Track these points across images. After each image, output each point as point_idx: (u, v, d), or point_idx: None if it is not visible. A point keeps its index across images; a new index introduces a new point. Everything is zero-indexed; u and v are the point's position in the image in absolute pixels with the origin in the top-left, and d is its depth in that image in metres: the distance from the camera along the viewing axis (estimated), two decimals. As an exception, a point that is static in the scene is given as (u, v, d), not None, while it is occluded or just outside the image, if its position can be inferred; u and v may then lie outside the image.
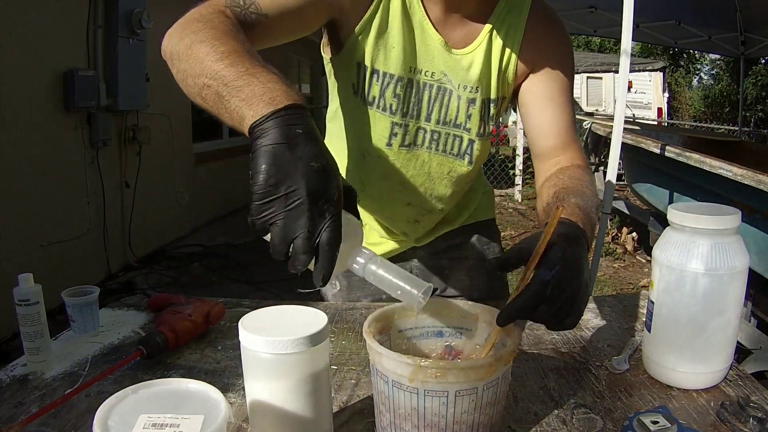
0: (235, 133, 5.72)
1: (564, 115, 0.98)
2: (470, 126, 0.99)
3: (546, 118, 0.98)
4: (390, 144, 0.99)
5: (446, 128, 1.00)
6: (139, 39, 4.12)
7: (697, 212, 0.77)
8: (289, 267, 0.56)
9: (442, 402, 0.59)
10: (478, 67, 0.95)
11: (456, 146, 1.01)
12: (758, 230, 2.35)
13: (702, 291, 0.76)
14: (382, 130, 0.98)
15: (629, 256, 4.90)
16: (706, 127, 11.12)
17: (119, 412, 0.53)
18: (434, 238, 1.17)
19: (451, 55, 0.95)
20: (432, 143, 1.01)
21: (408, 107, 0.97)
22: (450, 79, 0.96)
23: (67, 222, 3.67)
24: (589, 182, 0.88)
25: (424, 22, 0.93)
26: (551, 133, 0.97)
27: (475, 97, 0.97)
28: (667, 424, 0.67)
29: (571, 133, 0.98)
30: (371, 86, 0.95)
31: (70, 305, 0.99)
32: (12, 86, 3.17)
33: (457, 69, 0.96)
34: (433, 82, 0.96)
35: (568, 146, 0.97)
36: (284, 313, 0.68)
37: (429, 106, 0.98)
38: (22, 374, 0.86)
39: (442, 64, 0.95)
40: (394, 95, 0.95)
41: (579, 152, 0.97)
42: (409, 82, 0.95)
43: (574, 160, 0.95)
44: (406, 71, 0.94)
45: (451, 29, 0.94)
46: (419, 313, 0.72)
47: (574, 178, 0.87)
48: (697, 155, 2.78)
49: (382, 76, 0.94)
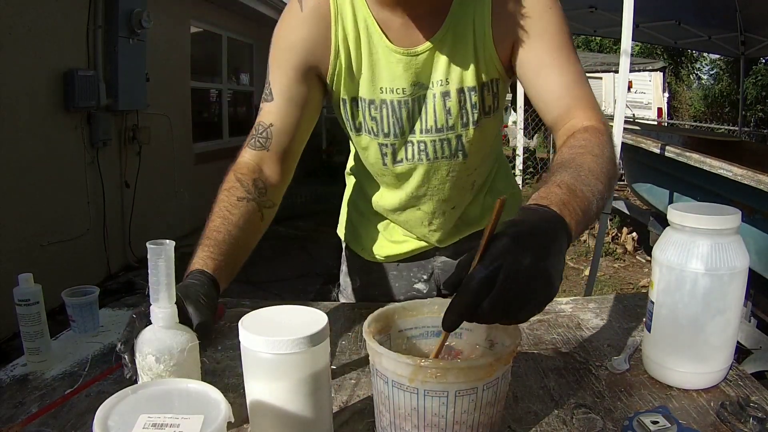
0: (234, 133, 5.70)
1: (562, 78, 0.88)
2: (452, 122, 0.97)
3: (543, 88, 0.90)
4: (385, 164, 1.03)
5: (430, 135, 0.99)
6: (139, 39, 4.12)
7: (697, 212, 0.77)
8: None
9: (442, 402, 0.59)
10: (446, 58, 0.92)
11: (446, 149, 1.00)
12: (758, 230, 2.35)
13: (702, 291, 0.76)
14: (374, 151, 1.02)
15: (629, 256, 4.90)
16: (706, 127, 11.11)
17: (119, 412, 0.53)
18: (459, 239, 1.17)
19: (416, 57, 0.92)
20: (421, 154, 1.01)
21: (388, 126, 0.98)
22: (422, 84, 0.95)
23: (67, 222, 3.67)
24: (594, 145, 0.78)
25: (381, 39, 0.92)
26: (552, 103, 0.89)
27: (447, 89, 0.94)
28: (667, 424, 0.67)
29: (575, 93, 0.88)
30: (355, 114, 0.99)
31: (70, 305, 0.99)
32: (12, 86, 3.18)
33: (425, 68, 0.93)
34: (406, 98, 0.95)
35: (574, 109, 0.87)
36: (284, 313, 0.68)
37: (410, 120, 0.97)
38: (22, 374, 0.86)
39: (411, 74, 0.93)
40: (371, 118, 0.98)
41: (587, 111, 0.87)
42: (381, 103, 0.96)
43: (582, 121, 0.86)
44: (376, 93, 0.96)
45: (411, 30, 0.92)
46: (419, 313, 0.73)
47: (574, 147, 0.79)
48: (697, 155, 2.78)
49: (360, 102, 0.97)
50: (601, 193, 0.71)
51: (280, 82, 0.96)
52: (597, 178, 0.72)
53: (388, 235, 1.19)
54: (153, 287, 0.66)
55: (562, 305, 1.10)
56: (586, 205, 0.67)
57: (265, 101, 0.98)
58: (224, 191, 0.93)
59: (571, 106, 0.88)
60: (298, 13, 0.94)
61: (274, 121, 0.96)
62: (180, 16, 5.22)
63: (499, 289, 0.54)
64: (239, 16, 6.54)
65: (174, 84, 5.06)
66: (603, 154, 0.77)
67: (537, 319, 1.03)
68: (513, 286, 0.55)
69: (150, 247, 0.65)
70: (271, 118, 0.97)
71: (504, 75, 0.96)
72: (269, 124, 0.97)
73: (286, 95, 0.96)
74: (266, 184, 0.96)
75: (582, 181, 0.69)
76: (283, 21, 0.96)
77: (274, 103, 0.97)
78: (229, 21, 6.39)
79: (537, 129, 8.52)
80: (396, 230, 1.18)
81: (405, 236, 1.18)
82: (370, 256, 1.21)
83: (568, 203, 0.64)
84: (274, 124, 0.96)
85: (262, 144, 0.97)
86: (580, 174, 0.71)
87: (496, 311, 0.55)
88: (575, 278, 4.24)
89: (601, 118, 0.87)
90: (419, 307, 0.73)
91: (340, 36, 0.93)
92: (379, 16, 0.92)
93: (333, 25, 0.92)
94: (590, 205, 0.68)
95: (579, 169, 0.72)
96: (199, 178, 5.57)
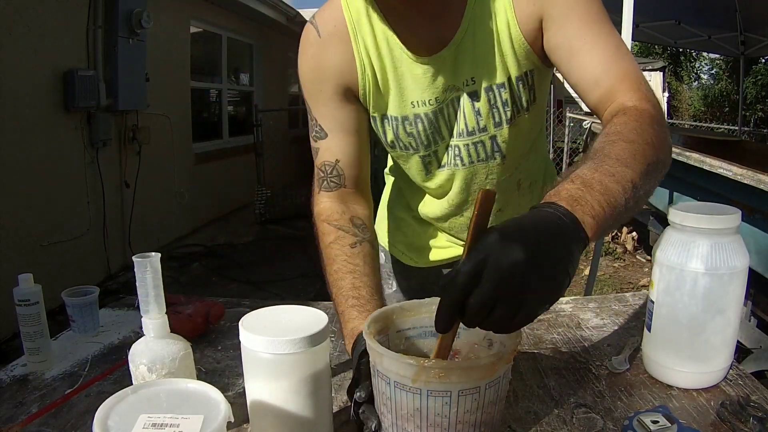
0: (234, 133, 5.70)
1: (596, 58, 0.79)
2: (483, 123, 0.92)
3: (579, 74, 0.81)
4: (429, 172, 1.01)
5: (462, 139, 0.94)
6: (139, 39, 4.12)
7: (697, 212, 0.77)
8: None
9: (445, 402, 0.59)
10: (469, 57, 0.87)
11: (480, 152, 0.96)
12: (758, 230, 2.34)
13: (702, 291, 0.76)
14: (415, 164, 1.00)
15: (629, 256, 4.90)
16: (706, 127, 11.11)
17: (119, 412, 0.53)
18: None
19: (440, 62, 0.88)
20: (456, 159, 0.97)
21: (427, 138, 0.95)
22: (452, 87, 0.90)
23: (67, 222, 3.67)
24: (630, 130, 0.70)
25: (403, 51, 0.88)
26: (591, 89, 0.81)
27: (475, 89, 0.89)
28: (667, 424, 0.67)
29: (614, 72, 0.79)
30: (386, 132, 0.96)
31: (70, 305, 0.99)
32: (12, 86, 3.18)
33: (451, 71, 0.89)
34: (440, 106, 0.92)
35: (614, 91, 0.78)
36: (284, 313, 0.68)
37: (447, 126, 0.94)
38: (22, 374, 0.86)
39: (439, 81, 0.89)
40: (407, 134, 0.95)
41: (628, 91, 0.77)
42: (415, 117, 0.93)
43: (623, 104, 0.76)
44: (407, 108, 0.93)
45: (431, 35, 0.87)
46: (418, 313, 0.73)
47: (607, 136, 0.70)
48: (697, 155, 2.78)
49: (390, 120, 0.95)
50: (634, 181, 0.63)
51: (325, 114, 0.94)
52: (626, 165, 0.64)
53: (432, 240, 1.15)
54: (142, 299, 0.67)
55: (562, 305, 1.10)
56: (610, 197, 0.60)
57: (320, 139, 0.95)
58: (331, 245, 0.90)
59: (611, 89, 0.78)
60: (317, 40, 0.92)
61: (339, 156, 0.94)
62: (180, 16, 5.22)
63: (486, 283, 0.50)
64: (239, 16, 6.54)
65: (174, 84, 5.06)
66: (639, 139, 0.68)
67: (537, 319, 1.03)
68: (502, 282, 0.50)
69: (136, 260, 0.66)
70: (335, 154, 0.94)
71: (540, 64, 0.88)
72: (335, 160, 0.94)
73: (337, 126, 0.94)
74: (362, 218, 0.94)
75: (604, 172, 0.62)
76: (304, 53, 0.93)
77: (330, 139, 0.94)
78: (229, 21, 6.39)
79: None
80: (441, 236, 1.14)
81: (449, 242, 1.14)
82: (410, 261, 1.18)
83: (581, 198, 0.59)
84: (340, 159, 0.94)
85: (337, 183, 0.95)
86: (602, 165, 0.63)
87: (485, 307, 0.51)
88: (575, 278, 4.21)
89: (645, 95, 0.76)
90: (417, 307, 0.73)
91: (363, 53, 0.90)
92: (397, 26, 0.88)
93: (354, 44, 0.90)
94: (616, 196, 0.61)
95: (603, 159, 0.65)
96: (199, 178, 5.57)
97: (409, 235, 1.17)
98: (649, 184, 0.67)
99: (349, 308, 0.82)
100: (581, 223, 0.57)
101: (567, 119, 7.43)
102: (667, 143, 0.73)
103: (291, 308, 0.69)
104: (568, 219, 0.56)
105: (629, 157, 0.65)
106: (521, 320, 0.53)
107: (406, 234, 1.18)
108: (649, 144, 0.68)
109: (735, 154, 3.40)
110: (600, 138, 0.70)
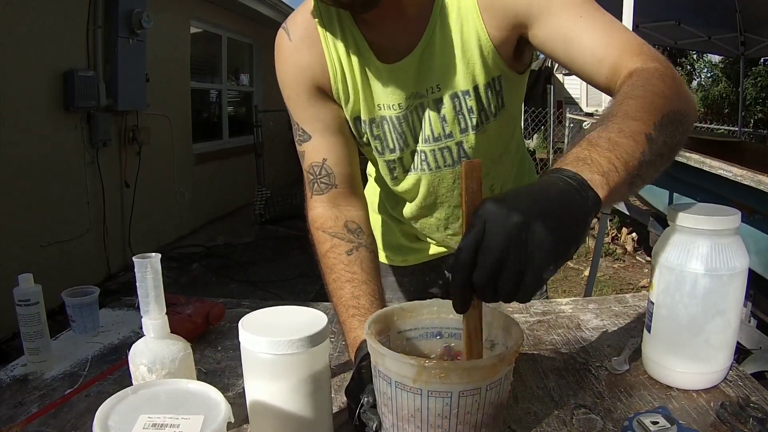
0: (234, 134, 5.70)
1: (592, 39, 0.76)
2: (449, 129, 0.92)
3: (580, 60, 0.78)
4: (394, 176, 1.01)
5: (429, 145, 0.95)
6: (139, 39, 4.12)
7: (697, 212, 0.77)
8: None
9: (445, 402, 0.59)
10: (433, 64, 0.88)
11: (447, 157, 0.96)
12: (758, 230, 2.34)
13: (702, 291, 0.76)
14: (383, 167, 1.01)
15: (629, 257, 4.90)
16: (706, 128, 11.11)
17: (119, 412, 0.53)
18: None
19: (405, 69, 0.88)
20: (423, 164, 0.97)
21: (393, 142, 0.96)
22: (417, 94, 0.90)
23: (67, 222, 3.67)
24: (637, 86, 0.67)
25: (371, 56, 0.89)
26: (595, 70, 0.78)
27: (440, 96, 0.90)
28: (666, 425, 0.67)
29: (614, 46, 0.75)
30: (361, 134, 0.97)
31: (70, 305, 0.99)
32: (12, 86, 3.18)
33: (416, 78, 0.89)
34: (404, 112, 0.92)
35: (619, 66, 0.74)
36: (284, 314, 0.68)
37: (412, 132, 0.95)
38: (22, 374, 0.86)
39: (404, 87, 0.90)
40: (374, 137, 0.96)
41: (632, 58, 0.73)
42: (382, 119, 0.94)
43: (629, 69, 0.73)
44: (374, 111, 0.94)
45: (397, 42, 0.87)
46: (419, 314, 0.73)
47: (613, 100, 0.68)
48: (697, 155, 2.78)
49: (362, 123, 0.95)
50: (647, 133, 0.60)
51: (306, 117, 0.94)
52: (635, 119, 0.61)
53: (406, 239, 1.16)
54: (142, 300, 0.67)
55: (562, 306, 1.10)
56: (621, 152, 0.57)
57: (304, 142, 0.95)
58: (328, 254, 0.89)
59: (616, 63, 0.75)
60: (288, 44, 0.93)
61: (325, 155, 0.94)
62: (180, 16, 5.22)
63: (487, 250, 0.50)
64: (239, 16, 6.54)
65: (174, 84, 5.05)
66: (647, 94, 0.64)
67: (537, 320, 1.03)
68: (503, 246, 0.49)
69: (136, 261, 0.66)
70: (321, 154, 0.94)
71: (508, 71, 0.89)
72: (322, 159, 0.93)
73: (320, 127, 0.93)
74: (356, 221, 0.93)
75: (612, 129, 0.60)
76: (279, 58, 0.94)
77: (314, 140, 0.94)
78: (229, 21, 6.39)
79: (537, 129, 8.52)
80: (415, 235, 1.15)
81: (428, 242, 1.15)
82: (386, 260, 1.19)
83: (587, 158, 0.56)
84: (327, 157, 0.94)
85: (327, 183, 0.94)
86: (609, 124, 0.61)
87: (493, 274, 0.50)
88: (575, 279, 4.24)
89: (649, 56, 0.73)
90: (418, 308, 0.73)
91: (334, 56, 0.90)
92: (365, 30, 0.88)
93: (325, 47, 0.90)
94: (628, 150, 0.58)
95: (610, 119, 0.62)
96: (199, 178, 5.57)
97: (385, 232, 1.18)
98: (670, 135, 0.63)
99: (350, 318, 0.82)
100: (588, 182, 0.54)
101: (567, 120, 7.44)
102: (683, 94, 0.69)
103: (291, 309, 0.69)
104: (573, 180, 0.54)
105: (638, 110, 0.62)
106: (530, 283, 0.51)
107: (381, 231, 1.19)
108: (660, 95, 0.65)
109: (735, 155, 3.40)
110: (607, 105, 0.68)
